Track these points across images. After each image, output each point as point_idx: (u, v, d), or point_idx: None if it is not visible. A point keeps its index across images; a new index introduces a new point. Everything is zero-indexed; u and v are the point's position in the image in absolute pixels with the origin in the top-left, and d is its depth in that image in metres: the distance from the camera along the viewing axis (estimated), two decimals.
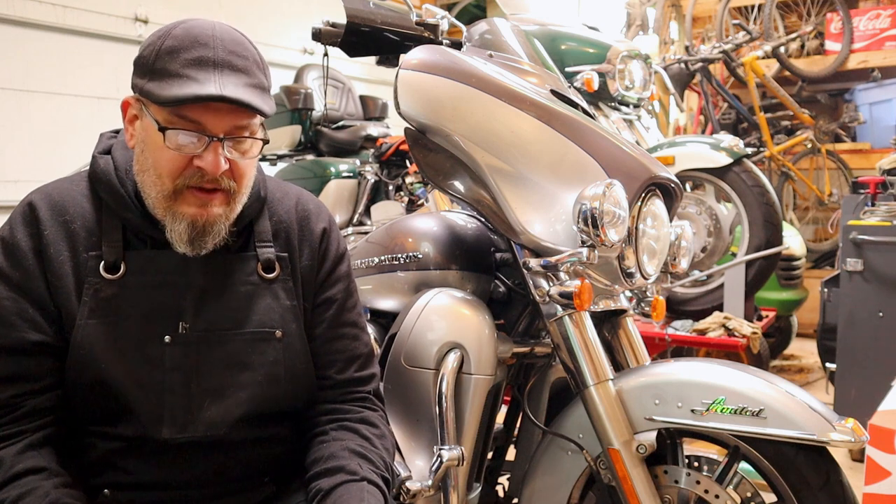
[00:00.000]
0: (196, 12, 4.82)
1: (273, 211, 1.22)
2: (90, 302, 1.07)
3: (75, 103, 4.28)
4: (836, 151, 5.14)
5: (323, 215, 1.26)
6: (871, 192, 3.04)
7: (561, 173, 1.36)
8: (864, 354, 2.83)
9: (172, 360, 1.09)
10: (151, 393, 1.07)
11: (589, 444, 1.37)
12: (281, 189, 1.26)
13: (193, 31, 1.06)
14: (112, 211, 1.11)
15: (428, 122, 1.43)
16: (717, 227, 3.17)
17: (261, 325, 1.15)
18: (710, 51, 4.66)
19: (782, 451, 1.23)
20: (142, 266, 1.10)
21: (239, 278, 1.15)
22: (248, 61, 1.08)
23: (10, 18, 4.00)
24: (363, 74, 6.00)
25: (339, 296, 1.25)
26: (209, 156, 1.05)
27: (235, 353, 1.12)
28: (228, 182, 1.08)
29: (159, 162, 1.06)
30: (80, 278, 1.07)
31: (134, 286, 1.09)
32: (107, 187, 1.11)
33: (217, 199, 1.09)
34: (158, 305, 1.09)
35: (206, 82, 1.02)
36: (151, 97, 1.03)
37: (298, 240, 1.22)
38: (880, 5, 5.16)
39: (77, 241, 1.08)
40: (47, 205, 1.09)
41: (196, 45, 1.05)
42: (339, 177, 3.77)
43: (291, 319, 1.18)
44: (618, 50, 3.05)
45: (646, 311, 1.55)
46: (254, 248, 1.18)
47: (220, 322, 1.12)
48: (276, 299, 1.17)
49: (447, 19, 1.65)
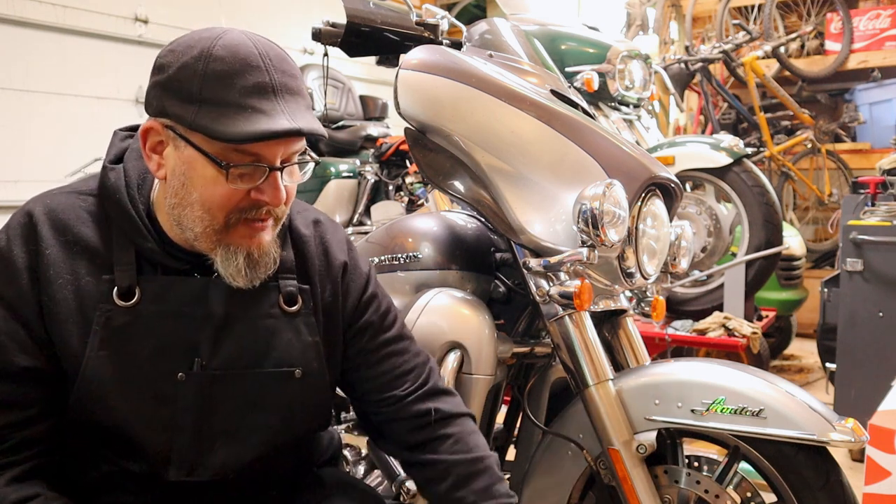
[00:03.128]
0: (196, 12, 4.83)
1: (295, 240, 1.15)
2: (101, 332, 0.98)
3: (75, 103, 4.28)
4: (836, 151, 5.14)
5: (342, 245, 1.20)
6: (871, 192, 3.04)
7: (561, 173, 1.36)
8: (864, 354, 2.83)
9: (185, 399, 1.02)
10: (160, 432, 1.01)
11: (589, 444, 1.37)
12: (301, 214, 1.19)
13: (239, 51, 0.96)
14: (122, 230, 1.03)
15: (428, 122, 1.43)
16: (717, 227, 3.17)
17: (280, 364, 1.07)
18: (710, 51, 4.66)
19: (782, 451, 1.23)
20: (158, 293, 1.02)
21: (259, 311, 1.07)
22: (298, 81, 1.01)
23: (10, 18, 4.00)
24: (363, 74, 6.00)
25: (373, 318, 1.19)
26: (269, 188, 0.98)
27: (252, 392, 1.06)
28: (281, 209, 1.03)
29: (212, 197, 0.97)
30: (82, 304, 0.99)
31: (149, 315, 1.01)
32: (116, 206, 1.02)
33: (267, 226, 1.03)
34: (173, 338, 1.01)
35: (274, 114, 0.95)
36: (209, 132, 0.94)
37: (320, 273, 1.15)
38: (880, 5, 5.16)
39: (79, 265, 1.00)
40: (50, 222, 1.00)
41: (248, 69, 0.95)
42: (339, 177, 3.78)
43: (313, 357, 1.11)
44: (618, 50, 3.05)
45: (646, 311, 1.55)
46: (276, 278, 1.08)
47: (238, 359, 1.04)
48: (297, 334, 1.09)
49: (447, 19, 1.65)
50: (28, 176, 4.05)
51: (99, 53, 4.39)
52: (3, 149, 4.00)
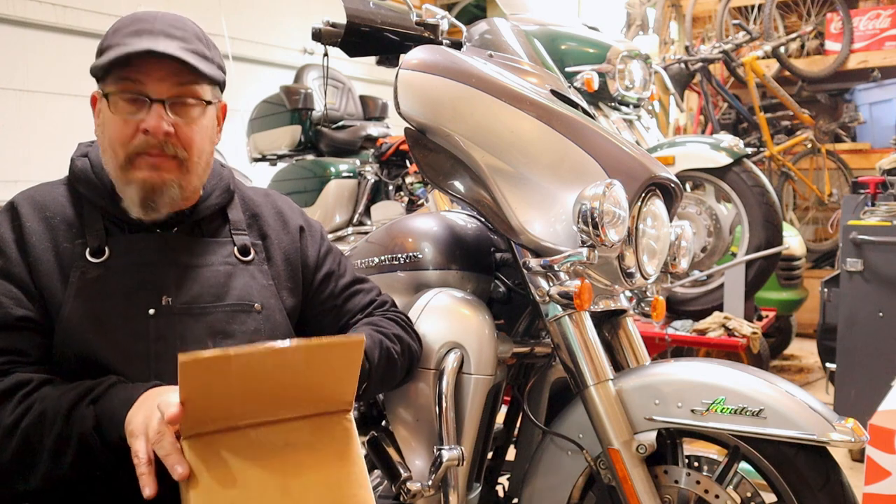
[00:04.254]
0: (196, 12, 4.82)
1: (246, 204, 1.31)
2: (77, 283, 1.11)
3: (75, 103, 4.28)
4: (836, 151, 5.14)
5: (294, 210, 1.37)
6: (871, 192, 3.04)
7: (561, 173, 1.36)
8: (864, 354, 2.83)
9: (157, 330, 1.12)
10: (138, 363, 1.11)
11: (589, 444, 1.37)
12: (251, 188, 1.37)
13: (137, 14, 1.16)
14: (91, 204, 1.17)
15: (428, 122, 1.43)
16: (717, 227, 3.17)
17: (240, 299, 1.20)
18: (710, 51, 4.66)
19: (782, 451, 1.23)
20: (124, 248, 1.15)
21: (217, 259, 1.21)
22: (186, 33, 1.16)
23: (10, 18, 4.01)
24: (363, 74, 6.01)
25: (333, 268, 1.37)
26: (151, 119, 1.10)
27: (217, 323, 1.17)
28: (176, 149, 1.13)
29: (111, 134, 1.12)
30: (62, 266, 1.12)
31: (118, 267, 1.14)
32: (84, 181, 1.18)
33: (167, 165, 1.13)
34: (142, 282, 1.14)
35: (136, 45, 1.09)
36: (94, 71, 1.12)
37: (274, 231, 1.30)
38: (880, 5, 5.16)
39: (58, 234, 1.14)
40: (29, 203, 1.16)
41: (136, 22, 1.14)
42: (339, 177, 3.77)
43: (270, 296, 1.24)
44: (618, 50, 3.04)
45: (646, 311, 1.55)
46: (229, 234, 1.25)
47: (202, 296, 1.17)
48: (253, 279, 1.23)
49: (447, 19, 1.65)
50: (28, 176, 4.05)
51: None
52: (3, 149, 4.01)
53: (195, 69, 1.12)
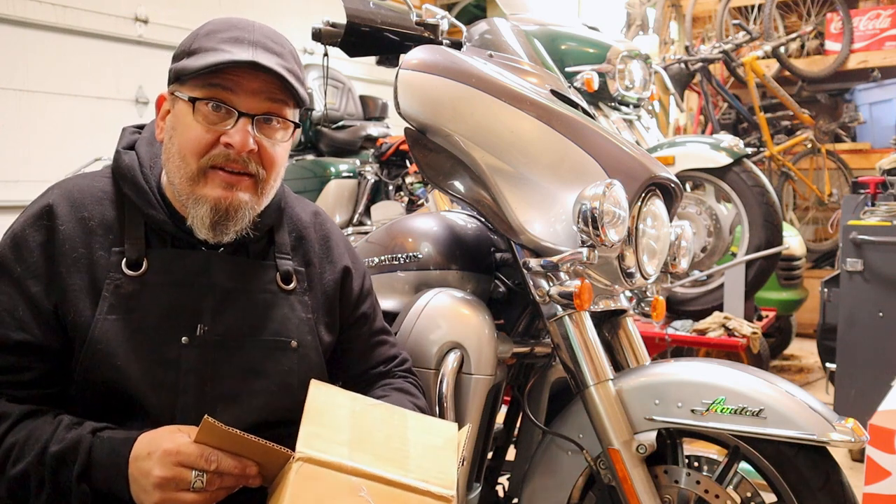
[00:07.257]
0: (196, 12, 4.83)
1: (294, 225, 1.23)
2: (110, 298, 1.05)
3: (75, 103, 4.29)
4: (836, 151, 5.15)
5: (341, 240, 1.30)
6: (871, 192, 3.04)
7: (561, 173, 1.36)
8: (864, 354, 2.83)
9: (188, 362, 1.07)
10: (165, 393, 1.05)
11: (589, 444, 1.37)
12: (299, 203, 1.28)
13: (232, 20, 1.10)
14: (135, 208, 1.09)
15: (428, 122, 1.43)
16: (717, 227, 3.17)
17: (277, 335, 1.14)
18: (710, 51, 4.67)
19: (782, 451, 1.23)
20: (164, 264, 1.08)
21: (258, 285, 1.14)
22: (284, 49, 1.10)
23: (10, 18, 4.01)
24: (363, 74, 6.01)
25: (369, 310, 1.32)
26: (237, 133, 1.04)
27: (251, 360, 1.11)
28: (256, 167, 1.07)
29: (186, 142, 1.05)
30: (94, 276, 1.05)
31: (155, 284, 1.07)
32: (131, 183, 1.10)
33: (244, 184, 1.07)
34: (178, 305, 1.07)
35: (240, 54, 1.03)
36: (184, 72, 1.04)
37: (319, 259, 1.24)
38: (880, 5, 5.16)
39: (94, 238, 1.07)
40: (66, 202, 1.08)
41: (233, 28, 1.07)
42: (339, 177, 3.78)
43: (307, 332, 1.18)
44: (618, 50, 3.05)
45: (646, 311, 1.55)
46: (273, 257, 1.18)
47: (238, 327, 1.11)
48: (292, 310, 1.17)
49: (447, 19, 1.65)
50: (28, 176, 4.05)
51: (99, 53, 4.39)
52: (3, 149, 4.01)
53: (291, 88, 1.06)
